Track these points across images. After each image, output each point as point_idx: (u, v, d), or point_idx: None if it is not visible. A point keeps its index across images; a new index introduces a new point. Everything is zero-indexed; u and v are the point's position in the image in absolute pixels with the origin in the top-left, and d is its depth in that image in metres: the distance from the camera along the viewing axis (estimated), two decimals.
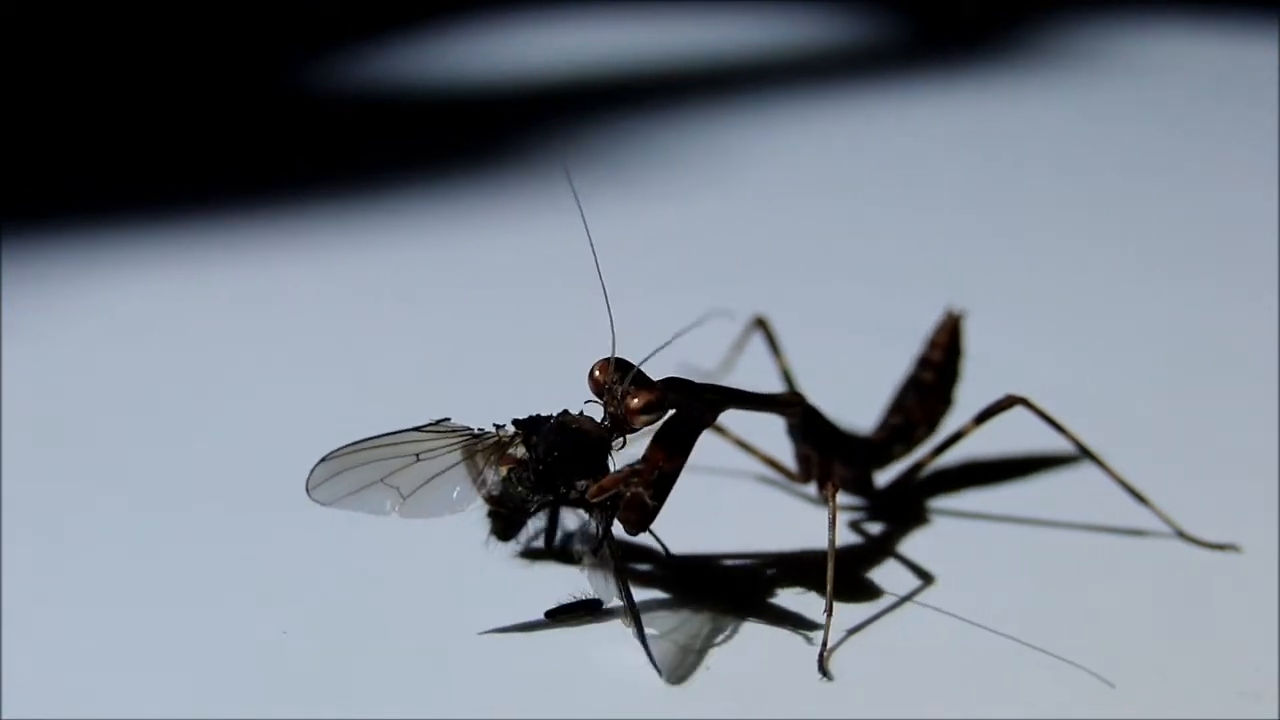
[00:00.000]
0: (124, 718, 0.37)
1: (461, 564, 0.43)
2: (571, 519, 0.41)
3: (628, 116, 0.98)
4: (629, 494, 0.39)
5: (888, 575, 0.44)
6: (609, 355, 0.40)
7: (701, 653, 0.39)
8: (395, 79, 1.08)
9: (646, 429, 0.40)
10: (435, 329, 0.65)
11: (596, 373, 0.40)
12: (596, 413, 0.40)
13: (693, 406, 0.41)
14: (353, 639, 0.41)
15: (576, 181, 0.83)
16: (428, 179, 0.85)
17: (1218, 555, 0.45)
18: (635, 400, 0.39)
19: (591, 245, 0.40)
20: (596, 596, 0.41)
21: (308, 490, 0.40)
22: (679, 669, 0.38)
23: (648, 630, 0.39)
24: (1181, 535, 0.45)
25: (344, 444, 0.40)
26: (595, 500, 0.39)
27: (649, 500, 0.40)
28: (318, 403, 0.56)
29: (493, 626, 0.40)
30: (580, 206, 0.41)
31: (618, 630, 0.40)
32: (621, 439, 0.40)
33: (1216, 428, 0.53)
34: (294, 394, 0.58)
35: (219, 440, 0.54)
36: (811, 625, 0.41)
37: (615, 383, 0.39)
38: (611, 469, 0.40)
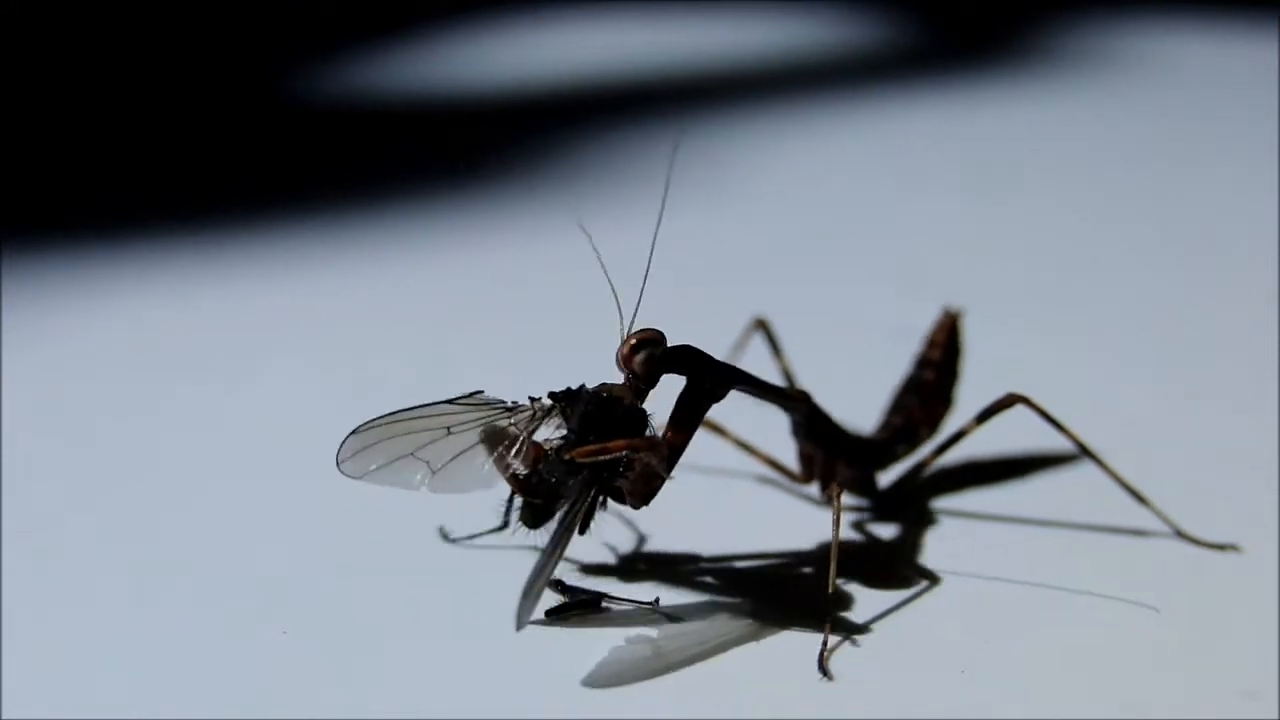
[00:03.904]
0: (124, 718, 0.37)
1: (462, 563, 0.43)
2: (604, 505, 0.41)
3: (628, 121, 0.97)
4: (641, 465, 0.39)
5: (889, 575, 0.44)
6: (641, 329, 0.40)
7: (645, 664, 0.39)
8: (397, 84, 1.08)
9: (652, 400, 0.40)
10: (441, 335, 0.65)
11: (624, 349, 0.40)
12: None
13: (704, 377, 0.41)
14: (353, 639, 0.41)
15: (576, 185, 0.84)
16: (429, 185, 0.85)
17: (1218, 555, 0.45)
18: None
19: (590, 239, 0.40)
20: (596, 595, 0.41)
21: (338, 463, 0.40)
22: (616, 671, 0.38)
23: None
24: (1181, 535, 0.45)
25: (375, 416, 0.40)
26: (586, 460, 0.38)
27: (663, 474, 0.40)
28: (317, 408, 0.56)
29: (493, 625, 0.40)
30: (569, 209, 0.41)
31: (619, 630, 0.40)
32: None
33: (1216, 428, 0.53)
34: (292, 400, 0.58)
35: (218, 443, 0.54)
36: (812, 625, 0.41)
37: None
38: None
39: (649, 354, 0.40)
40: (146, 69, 1.13)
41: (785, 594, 0.43)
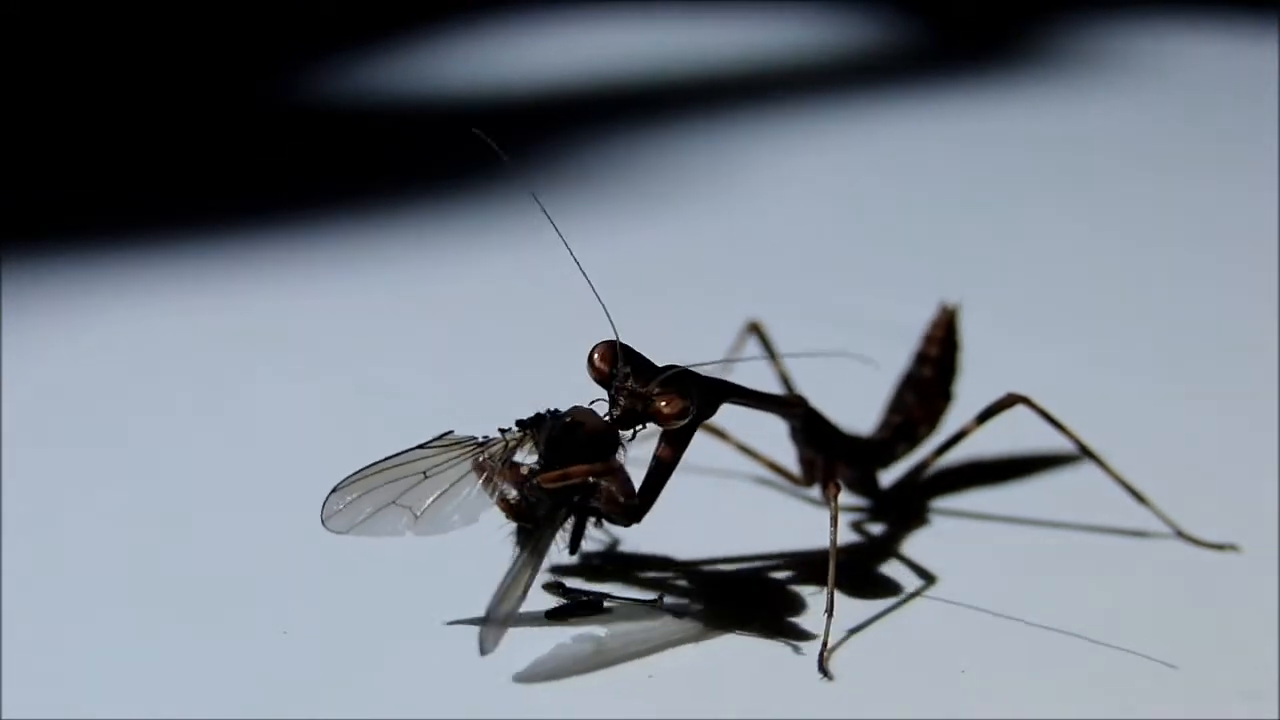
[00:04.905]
0: (124, 718, 0.37)
1: (462, 565, 0.43)
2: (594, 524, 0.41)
3: (629, 122, 0.97)
4: (603, 490, 0.39)
5: (889, 575, 0.44)
6: (607, 340, 0.39)
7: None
8: (398, 85, 1.08)
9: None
10: (442, 336, 0.65)
11: (597, 358, 0.39)
12: (601, 407, 0.39)
13: (697, 398, 0.41)
14: (352, 640, 0.41)
15: (577, 188, 0.84)
16: (425, 188, 0.85)
17: (1218, 555, 0.45)
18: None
19: (561, 236, 0.40)
20: (598, 596, 0.41)
21: (323, 521, 0.40)
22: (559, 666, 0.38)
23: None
24: (1181, 535, 0.45)
25: (352, 472, 0.40)
26: (550, 487, 0.38)
27: (622, 499, 0.39)
28: (317, 410, 0.56)
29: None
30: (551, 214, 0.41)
31: (618, 630, 0.40)
32: (632, 433, 0.40)
33: (1216, 428, 0.53)
34: (293, 402, 0.58)
35: (218, 444, 0.54)
36: (812, 625, 0.41)
37: (624, 374, 0.39)
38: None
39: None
40: (146, 71, 1.13)
41: (785, 594, 0.43)
